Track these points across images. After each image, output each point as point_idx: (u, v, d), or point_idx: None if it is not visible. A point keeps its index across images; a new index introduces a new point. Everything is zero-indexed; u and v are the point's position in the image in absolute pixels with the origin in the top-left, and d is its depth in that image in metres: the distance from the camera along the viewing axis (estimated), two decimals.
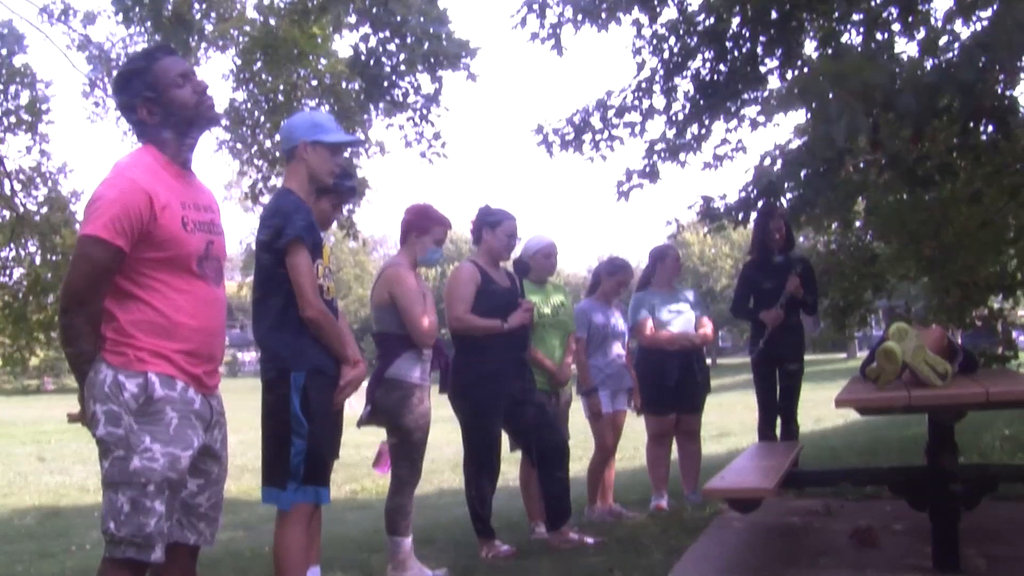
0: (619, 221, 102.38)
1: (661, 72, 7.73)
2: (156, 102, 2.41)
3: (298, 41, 8.90)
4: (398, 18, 7.68)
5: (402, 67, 8.13)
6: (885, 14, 5.98)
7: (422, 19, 7.78)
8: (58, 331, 2.43)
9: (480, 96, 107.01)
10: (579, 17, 7.47)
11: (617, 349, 5.42)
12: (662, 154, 7.89)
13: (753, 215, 7.03)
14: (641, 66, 7.76)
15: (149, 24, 8.20)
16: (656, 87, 7.80)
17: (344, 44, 9.27)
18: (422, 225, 4.09)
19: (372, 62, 8.09)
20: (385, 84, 8.23)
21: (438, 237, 4.14)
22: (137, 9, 7.97)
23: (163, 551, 2.31)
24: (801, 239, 10.08)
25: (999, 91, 5.15)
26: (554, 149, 8.01)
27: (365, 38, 8.08)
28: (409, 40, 7.87)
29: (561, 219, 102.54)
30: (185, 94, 2.42)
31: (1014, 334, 8.11)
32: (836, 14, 6.68)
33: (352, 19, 8.00)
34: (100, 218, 2.27)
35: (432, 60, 8.01)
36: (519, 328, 4.37)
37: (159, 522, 2.29)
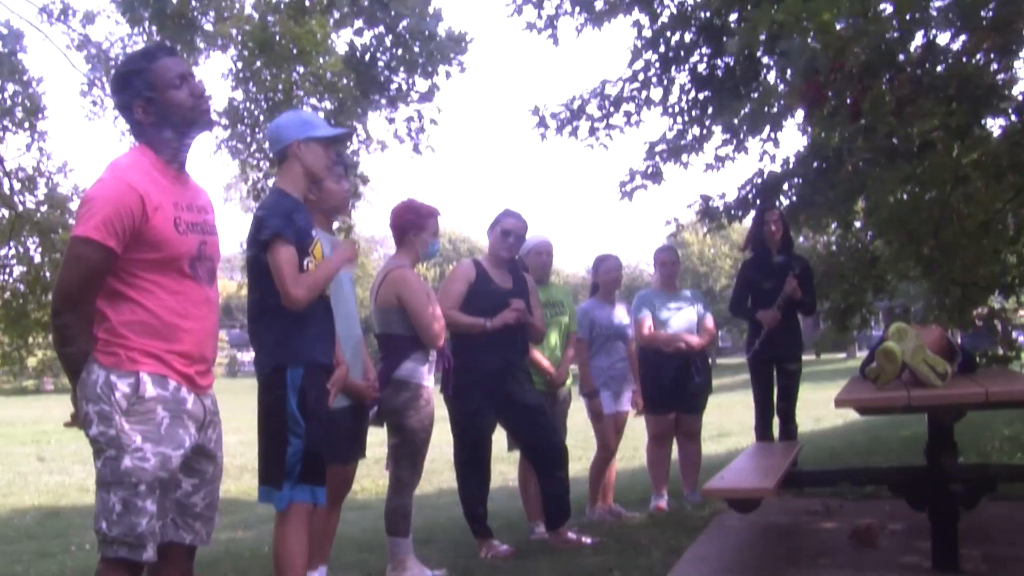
0: (619, 221, 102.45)
1: (658, 65, 7.74)
2: (153, 102, 2.41)
3: (298, 39, 8.89)
4: (392, 13, 7.67)
5: (393, 63, 8.13)
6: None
7: (415, 15, 7.77)
8: (52, 332, 2.42)
9: (482, 98, 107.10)
10: (577, 9, 7.48)
11: (621, 349, 5.41)
12: (663, 155, 7.89)
13: (752, 213, 7.05)
14: (636, 57, 7.76)
15: (148, 24, 8.20)
16: (653, 78, 7.80)
17: (341, 41, 9.25)
18: (418, 222, 4.08)
19: (367, 58, 8.10)
20: (380, 80, 8.24)
21: (434, 229, 4.13)
22: (142, 10, 7.96)
23: (155, 550, 2.31)
24: (801, 239, 10.07)
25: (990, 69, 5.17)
26: (549, 133, 8.00)
27: (359, 32, 8.09)
28: (403, 37, 7.87)
29: (561, 220, 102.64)
30: (182, 95, 2.41)
31: (1015, 334, 8.10)
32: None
33: (338, 15, 7.99)
34: (92, 219, 2.27)
35: (425, 60, 8.01)
36: (513, 329, 4.35)
37: (150, 522, 2.29)
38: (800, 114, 7.32)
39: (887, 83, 4.82)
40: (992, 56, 5.26)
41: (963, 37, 5.22)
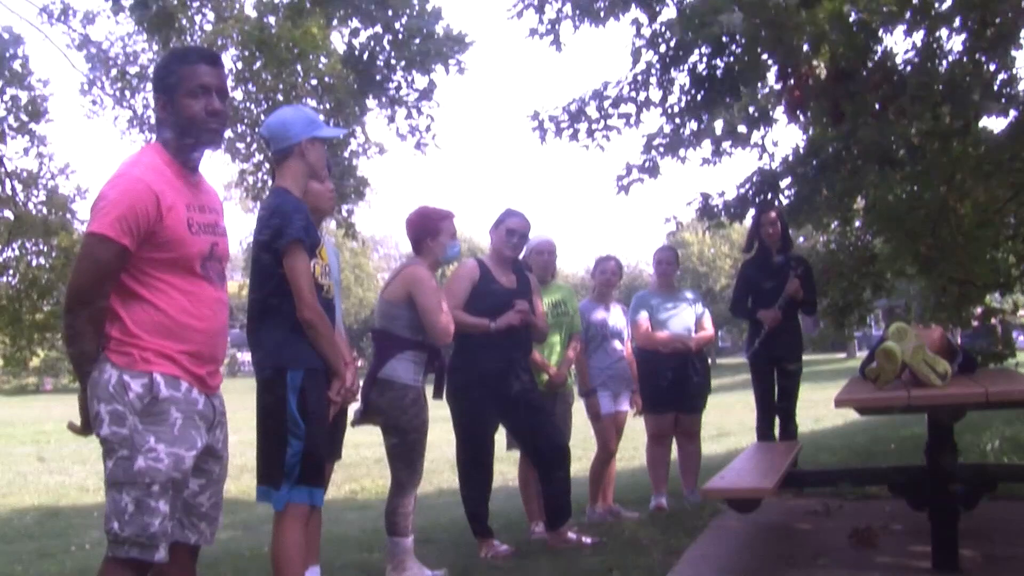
0: (619, 222, 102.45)
1: (658, 66, 7.73)
2: (171, 102, 2.41)
3: (297, 40, 8.89)
4: (389, 12, 7.66)
5: (392, 62, 8.12)
6: None
7: (414, 14, 7.75)
8: (62, 330, 2.43)
9: (481, 97, 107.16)
10: (577, 13, 7.47)
11: (619, 349, 5.42)
12: (660, 149, 7.88)
13: (751, 212, 7.05)
14: (637, 59, 7.76)
15: (136, 22, 8.21)
16: (652, 79, 7.79)
17: (340, 41, 9.24)
18: (432, 227, 4.08)
19: (366, 56, 8.08)
20: (378, 79, 8.22)
21: (451, 231, 4.13)
22: (129, 10, 7.96)
23: (167, 551, 2.32)
24: (801, 240, 10.06)
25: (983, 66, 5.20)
26: (548, 136, 8.00)
27: (355, 33, 8.07)
28: (401, 36, 7.85)
29: (561, 220, 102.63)
30: (195, 107, 2.39)
31: (1013, 334, 8.13)
32: None
33: (340, 13, 7.97)
34: (106, 216, 2.27)
35: (423, 57, 7.99)
36: (516, 329, 4.35)
37: (163, 522, 2.29)
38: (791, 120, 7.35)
39: (865, 83, 4.86)
40: (989, 57, 5.28)
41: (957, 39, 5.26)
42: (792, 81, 4.73)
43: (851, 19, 4.64)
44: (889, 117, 5.24)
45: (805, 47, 4.79)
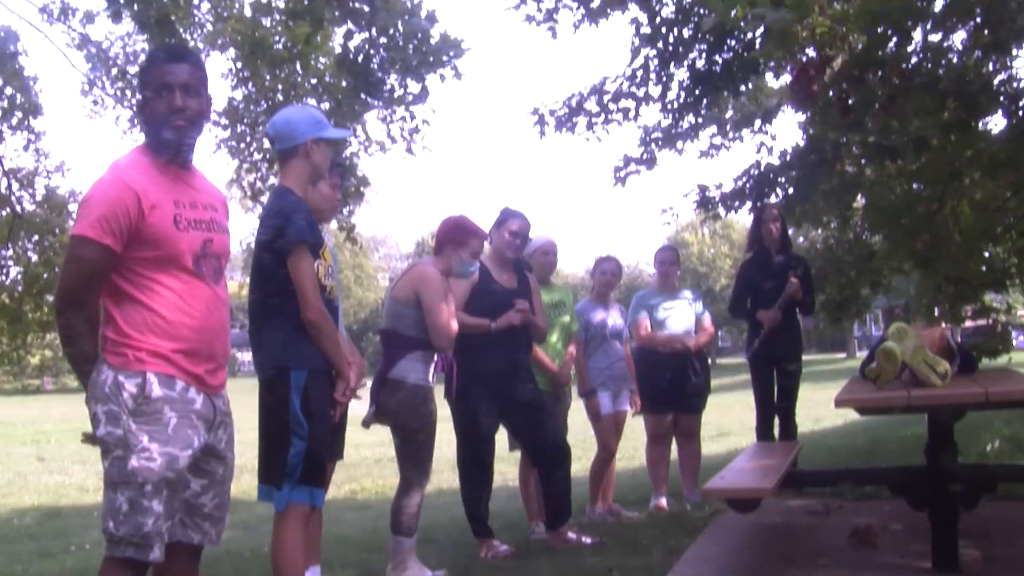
0: (619, 222, 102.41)
1: (657, 61, 7.74)
2: (146, 102, 2.44)
3: (297, 40, 8.89)
4: (381, 15, 7.65)
5: (387, 65, 8.11)
6: None
7: (408, 17, 7.74)
8: (58, 332, 2.44)
9: (481, 98, 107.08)
10: (575, 4, 7.47)
11: (619, 349, 5.42)
12: (658, 142, 7.89)
13: (748, 204, 7.05)
14: (636, 53, 7.75)
15: (134, 23, 8.20)
16: (652, 75, 7.80)
17: (336, 42, 9.21)
18: (459, 239, 4.07)
19: (361, 58, 8.07)
20: (373, 81, 8.22)
21: (475, 250, 4.11)
22: (126, 12, 7.96)
23: (162, 551, 2.32)
24: (801, 239, 10.05)
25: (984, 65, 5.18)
26: (548, 130, 7.99)
27: (349, 35, 8.06)
28: (396, 39, 7.85)
29: (561, 220, 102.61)
30: (159, 105, 2.39)
31: (1013, 333, 8.12)
32: None
33: (334, 16, 7.95)
34: (87, 217, 2.29)
35: (419, 62, 7.98)
36: (517, 329, 4.34)
37: (157, 522, 2.29)
38: (799, 111, 7.34)
39: (876, 78, 4.86)
40: (991, 55, 5.27)
41: (961, 36, 5.24)
42: (809, 72, 4.72)
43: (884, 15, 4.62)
44: (897, 110, 5.23)
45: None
